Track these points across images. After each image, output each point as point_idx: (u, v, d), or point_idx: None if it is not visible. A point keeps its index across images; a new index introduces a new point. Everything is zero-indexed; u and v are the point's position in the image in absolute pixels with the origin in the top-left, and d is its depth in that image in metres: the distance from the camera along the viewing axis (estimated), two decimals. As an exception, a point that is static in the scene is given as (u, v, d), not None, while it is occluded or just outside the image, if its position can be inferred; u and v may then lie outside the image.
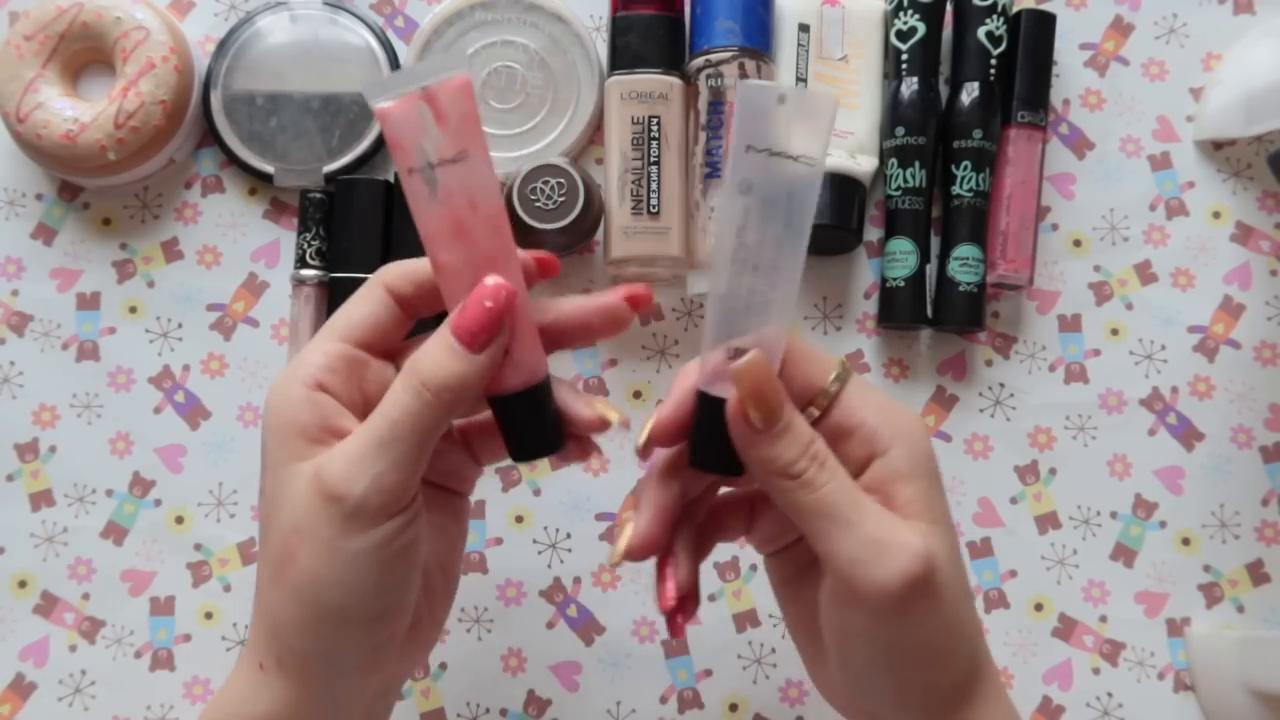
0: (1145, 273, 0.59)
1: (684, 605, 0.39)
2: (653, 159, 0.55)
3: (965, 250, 0.56)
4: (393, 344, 0.39)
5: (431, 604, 0.40)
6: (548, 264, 0.40)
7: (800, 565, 0.41)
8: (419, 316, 0.39)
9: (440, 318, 0.38)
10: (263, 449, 0.38)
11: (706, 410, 0.37)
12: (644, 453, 0.38)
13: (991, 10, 0.57)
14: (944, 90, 0.58)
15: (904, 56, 0.57)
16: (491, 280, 0.36)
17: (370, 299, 0.38)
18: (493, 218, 0.36)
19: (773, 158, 0.35)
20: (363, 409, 0.38)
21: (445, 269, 0.37)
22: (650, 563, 0.40)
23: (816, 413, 0.38)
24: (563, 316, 0.39)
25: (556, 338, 0.39)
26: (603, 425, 0.38)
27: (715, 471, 0.38)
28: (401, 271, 0.38)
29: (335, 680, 0.38)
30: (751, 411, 0.35)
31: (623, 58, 0.56)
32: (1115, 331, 0.59)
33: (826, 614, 0.38)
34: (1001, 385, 0.58)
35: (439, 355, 0.36)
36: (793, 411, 0.36)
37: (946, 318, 0.57)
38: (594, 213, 0.54)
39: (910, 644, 0.37)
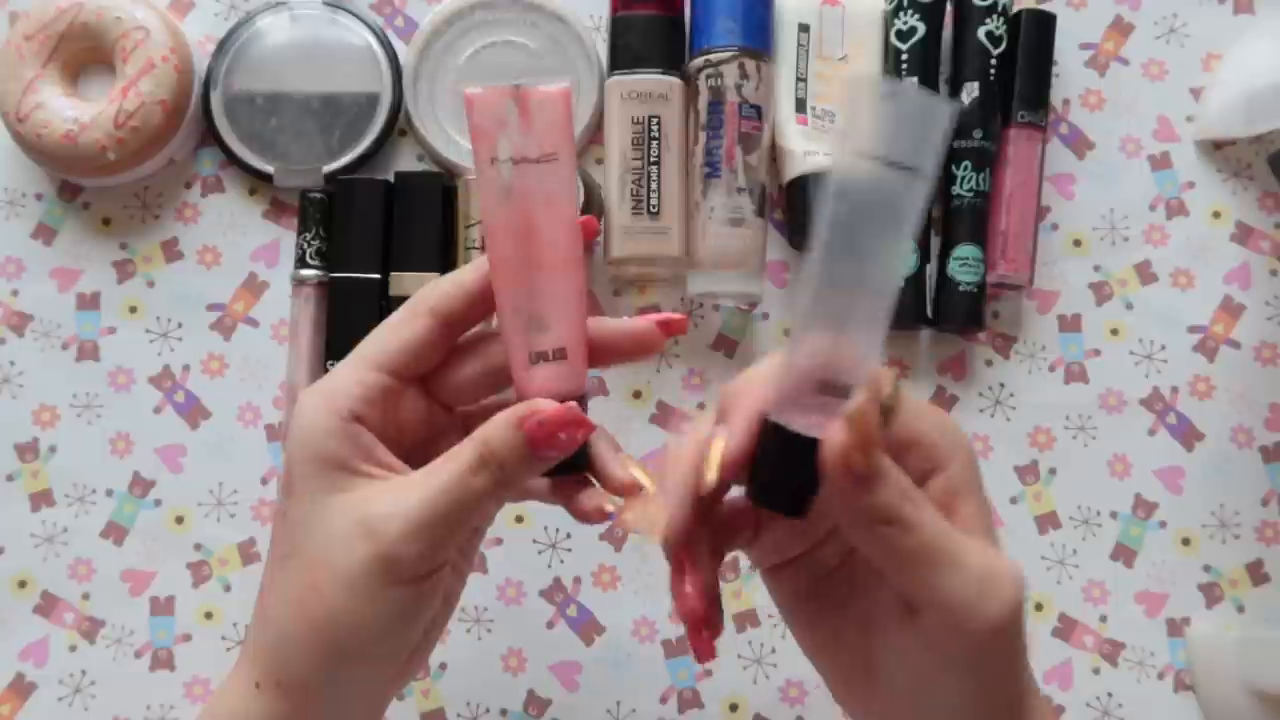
0: (1145, 273, 0.59)
1: (711, 617, 0.36)
2: (653, 159, 0.55)
3: (965, 250, 0.56)
4: (428, 370, 0.38)
5: (428, 634, 0.40)
6: (587, 227, 0.38)
7: (814, 579, 0.38)
8: (464, 331, 0.39)
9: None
10: (289, 473, 0.37)
11: (781, 447, 0.33)
12: (717, 493, 0.35)
13: (991, 10, 0.57)
14: (944, 90, 0.58)
15: (904, 56, 0.57)
16: (573, 412, 0.35)
17: (412, 326, 0.37)
18: (568, 222, 0.36)
19: (886, 166, 0.31)
20: (396, 440, 0.38)
21: (507, 265, 0.36)
22: (647, 564, 0.39)
23: None
24: (596, 337, 0.38)
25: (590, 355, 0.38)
26: (634, 490, 0.37)
27: (780, 511, 0.35)
28: (447, 292, 0.37)
29: (332, 706, 0.38)
30: (857, 459, 0.32)
31: (623, 58, 0.56)
32: (1115, 331, 0.59)
33: (912, 656, 0.35)
34: (1001, 385, 0.58)
35: (519, 449, 0.35)
36: (881, 450, 0.33)
37: (946, 318, 0.57)
38: (594, 212, 0.54)
39: (1004, 668, 0.35)
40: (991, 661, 0.35)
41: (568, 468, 0.37)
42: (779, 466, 0.34)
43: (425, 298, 0.38)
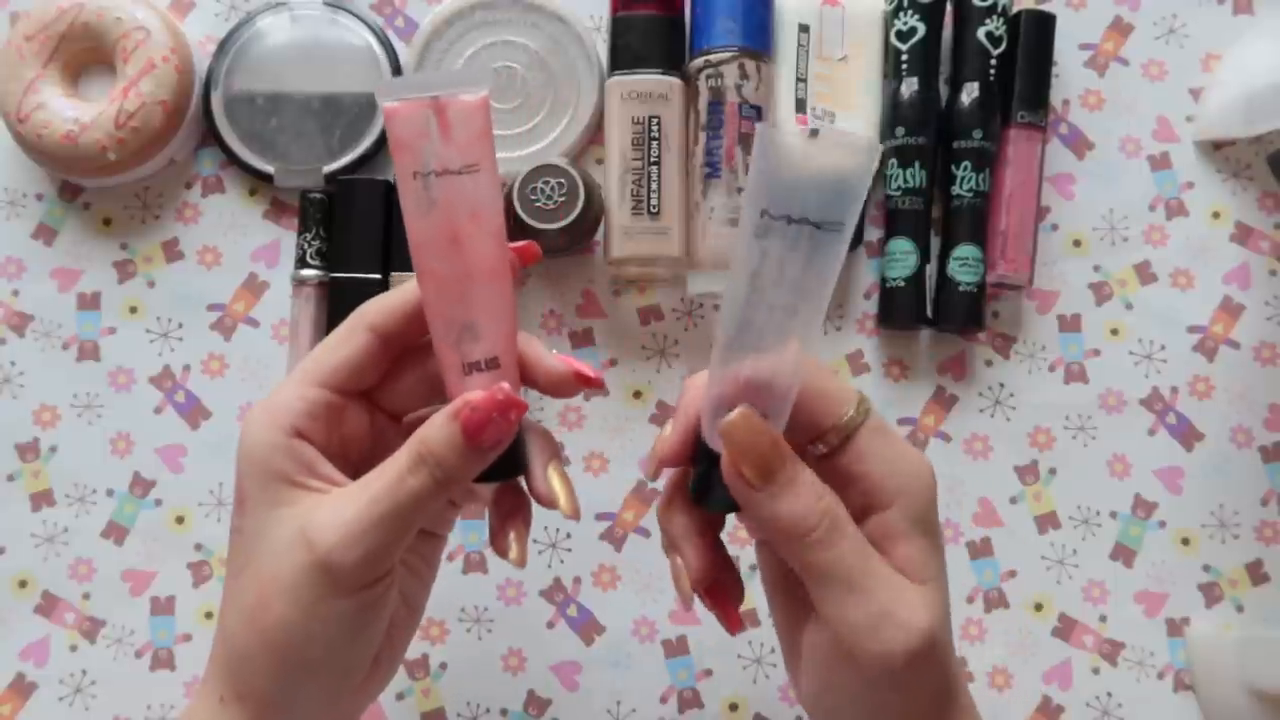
0: (1145, 273, 0.59)
1: (721, 588, 0.39)
2: (653, 159, 0.55)
3: (965, 250, 0.56)
4: (370, 384, 0.39)
5: (393, 639, 0.40)
6: (526, 252, 0.39)
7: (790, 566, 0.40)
8: (404, 348, 0.39)
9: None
10: (238, 487, 0.37)
11: (704, 456, 0.36)
12: (653, 477, 0.39)
13: (991, 10, 0.57)
14: (944, 90, 0.58)
15: (904, 56, 0.57)
16: (503, 392, 0.36)
17: (351, 342, 0.38)
18: (494, 232, 0.36)
19: (792, 225, 0.32)
20: (340, 454, 0.38)
21: (435, 277, 0.36)
22: (647, 564, 0.40)
23: (824, 449, 0.37)
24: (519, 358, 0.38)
25: None
26: (549, 504, 0.38)
27: (708, 509, 0.38)
28: (385, 308, 0.38)
29: (296, 717, 0.38)
30: (745, 470, 0.34)
31: (623, 58, 0.56)
32: (1115, 331, 0.59)
33: (816, 666, 0.37)
34: (1001, 385, 0.58)
35: (455, 443, 0.35)
36: (797, 466, 0.35)
37: (946, 318, 0.57)
38: (594, 213, 0.54)
39: (896, 708, 0.36)
40: (883, 697, 0.36)
41: (502, 472, 0.38)
42: (703, 471, 0.36)
43: (364, 314, 0.38)
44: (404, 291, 0.38)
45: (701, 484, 0.37)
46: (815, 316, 0.34)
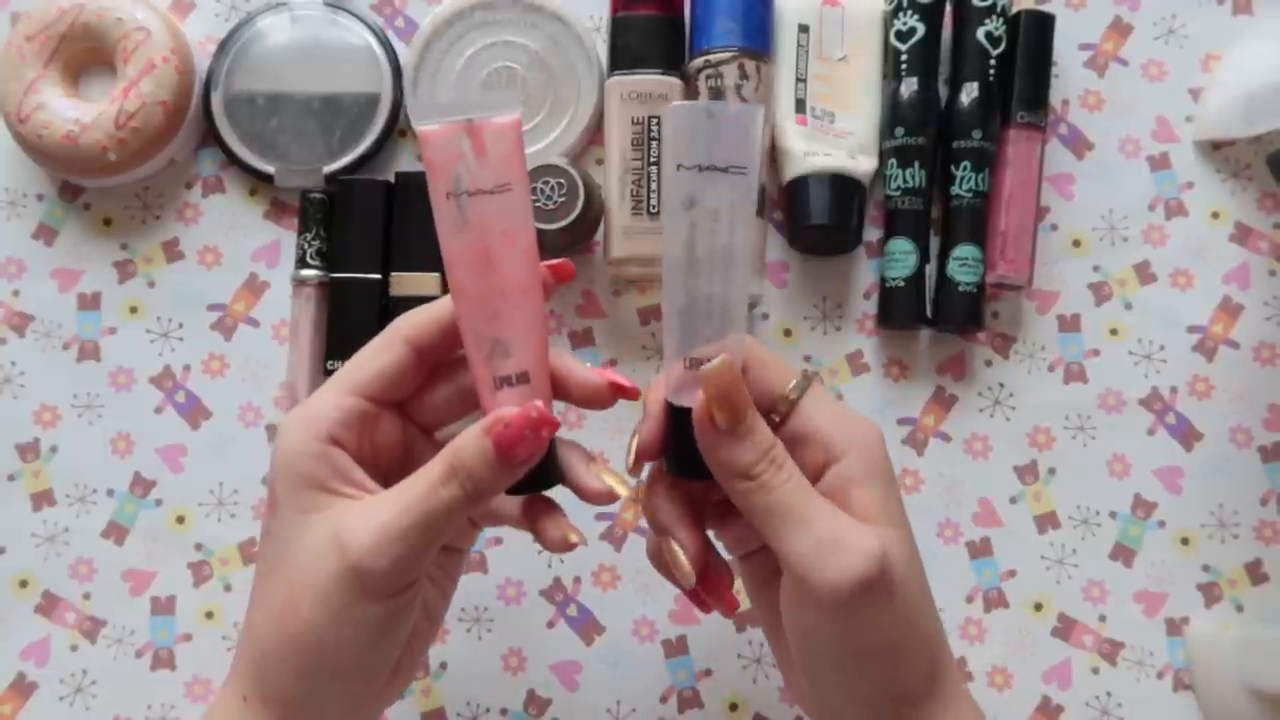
0: (1144, 273, 0.59)
1: (715, 574, 0.40)
2: (653, 159, 0.55)
3: (965, 250, 0.56)
4: (404, 395, 0.40)
5: (412, 648, 0.41)
6: (560, 270, 0.40)
7: (771, 569, 0.41)
8: (438, 361, 0.40)
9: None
10: (271, 490, 0.38)
11: (675, 420, 0.38)
12: (634, 470, 0.39)
13: (991, 11, 0.57)
14: (944, 90, 0.58)
15: (904, 57, 0.57)
16: (537, 410, 0.36)
17: (388, 353, 0.39)
18: (525, 250, 0.37)
19: (703, 173, 0.36)
20: (372, 463, 0.39)
21: (467, 294, 0.37)
22: (647, 564, 0.40)
23: (776, 419, 0.39)
24: (551, 373, 0.39)
25: None
26: (610, 498, 0.39)
27: (692, 478, 0.39)
28: (421, 322, 0.39)
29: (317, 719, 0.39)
30: (717, 414, 0.36)
31: (623, 58, 0.56)
32: (1114, 331, 0.59)
33: (785, 613, 0.39)
34: (1001, 385, 0.58)
35: (487, 457, 0.36)
36: (755, 416, 0.37)
37: (946, 318, 0.57)
38: (594, 213, 0.54)
39: (866, 643, 0.37)
40: (846, 628, 0.37)
41: (537, 483, 0.39)
42: (677, 438, 0.38)
43: (400, 326, 0.39)
44: (440, 306, 0.39)
45: (677, 454, 0.39)
46: (745, 280, 0.38)
